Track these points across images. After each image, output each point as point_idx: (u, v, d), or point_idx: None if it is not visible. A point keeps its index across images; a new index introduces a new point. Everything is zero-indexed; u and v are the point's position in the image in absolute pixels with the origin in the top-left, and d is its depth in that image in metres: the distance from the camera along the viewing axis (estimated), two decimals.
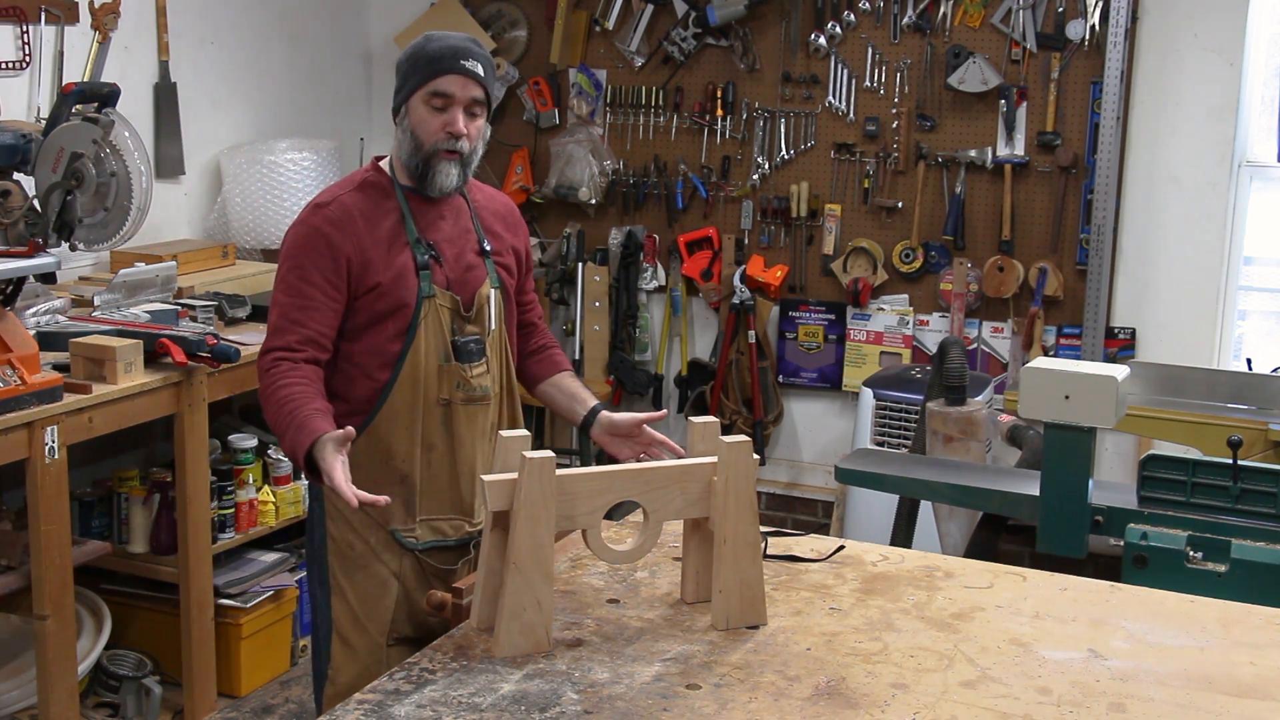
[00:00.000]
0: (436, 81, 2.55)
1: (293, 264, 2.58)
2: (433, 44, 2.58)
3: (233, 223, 4.69)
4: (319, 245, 2.55)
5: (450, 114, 2.56)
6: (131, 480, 3.93)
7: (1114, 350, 4.76)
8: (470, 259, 2.67)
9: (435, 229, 2.64)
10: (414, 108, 2.58)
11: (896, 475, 3.23)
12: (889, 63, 4.96)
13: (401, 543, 2.63)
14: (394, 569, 2.64)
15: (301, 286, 2.55)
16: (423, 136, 2.57)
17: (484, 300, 2.66)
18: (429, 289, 2.59)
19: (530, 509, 2.03)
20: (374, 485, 2.57)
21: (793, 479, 5.36)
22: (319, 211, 2.59)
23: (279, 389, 2.47)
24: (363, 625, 2.63)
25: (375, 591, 2.63)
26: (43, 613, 3.30)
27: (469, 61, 2.56)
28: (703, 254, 5.27)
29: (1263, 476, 2.75)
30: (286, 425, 2.42)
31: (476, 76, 2.57)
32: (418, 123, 2.57)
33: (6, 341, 3.19)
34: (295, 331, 2.53)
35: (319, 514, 2.68)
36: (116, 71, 4.33)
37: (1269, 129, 4.68)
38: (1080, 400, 2.82)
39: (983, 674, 2.02)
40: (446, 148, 2.56)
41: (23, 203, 3.35)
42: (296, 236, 2.59)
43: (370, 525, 2.63)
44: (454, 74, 2.55)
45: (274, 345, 2.53)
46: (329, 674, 2.64)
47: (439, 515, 2.65)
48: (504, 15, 5.46)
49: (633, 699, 1.92)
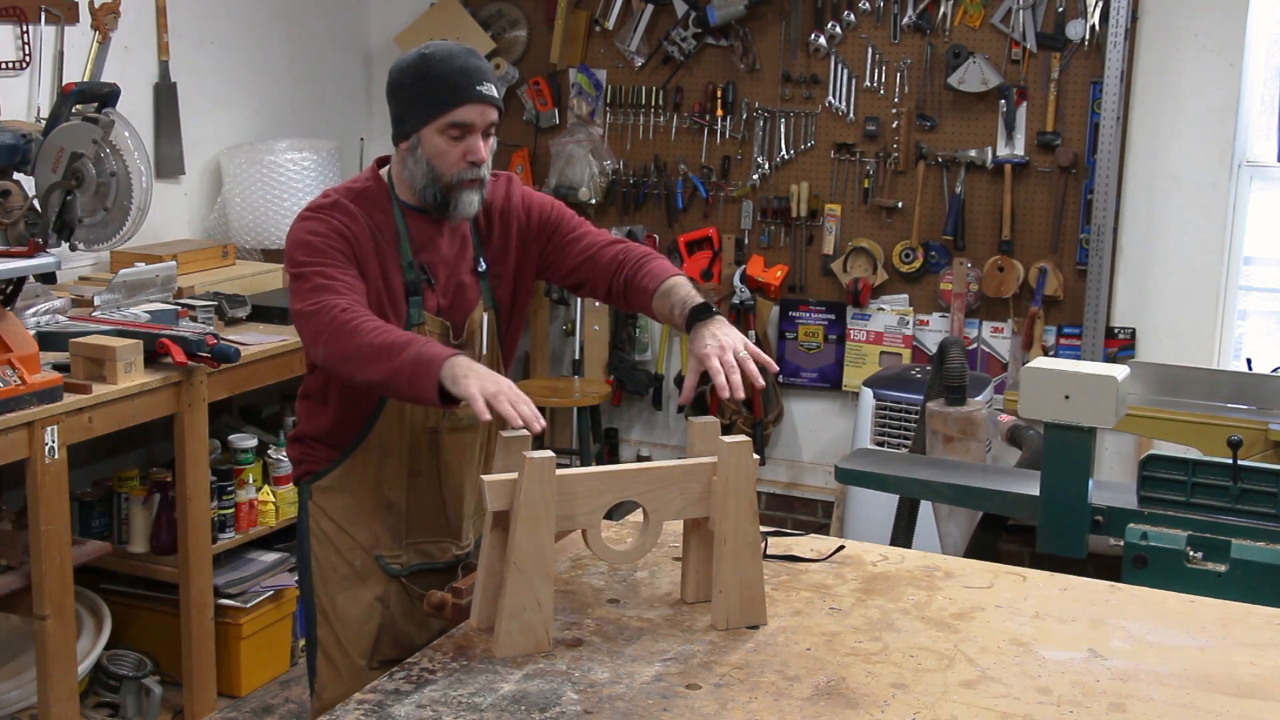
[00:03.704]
0: (455, 113, 2.38)
1: (310, 249, 2.39)
2: (437, 66, 2.40)
3: (233, 223, 4.70)
4: (331, 236, 2.39)
5: (470, 142, 2.41)
6: (131, 480, 3.93)
7: (1114, 350, 4.76)
8: (464, 278, 2.54)
9: (432, 248, 2.50)
10: (428, 138, 2.40)
11: (896, 475, 3.23)
12: (889, 63, 4.96)
13: (386, 569, 2.57)
14: (378, 593, 2.57)
15: (332, 260, 2.36)
16: (442, 168, 2.41)
17: (475, 325, 2.55)
18: (418, 315, 2.46)
19: (530, 509, 2.03)
20: (361, 512, 2.56)
21: (793, 479, 5.36)
22: (321, 210, 2.44)
23: (366, 323, 2.26)
24: (344, 648, 2.56)
25: (359, 615, 2.56)
26: (43, 613, 3.30)
27: (484, 86, 2.40)
28: (703, 254, 5.27)
29: (1263, 476, 2.75)
30: (400, 353, 2.20)
31: (493, 100, 2.42)
32: (435, 154, 2.41)
33: (6, 341, 3.19)
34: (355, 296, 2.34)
35: (304, 530, 2.60)
36: (116, 71, 4.33)
37: (1269, 129, 4.68)
38: (1080, 400, 2.82)
39: (983, 674, 2.02)
40: (469, 177, 2.42)
41: (23, 203, 3.35)
42: (304, 231, 2.41)
43: (355, 548, 2.56)
44: (472, 103, 2.39)
45: (335, 298, 2.32)
46: (315, 689, 2.61)
47: (426, 539, 2.60)
48: (504, 15, 5.46)
49: (633, 699, 1.92)
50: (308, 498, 2.59)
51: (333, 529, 2.57)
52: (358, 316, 2.29)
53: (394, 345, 2.23)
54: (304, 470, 2.61)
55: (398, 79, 2.44)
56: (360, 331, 2.26)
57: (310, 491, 2.58)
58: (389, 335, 2.25)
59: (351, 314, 2.29)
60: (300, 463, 2.62)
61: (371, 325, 2.27)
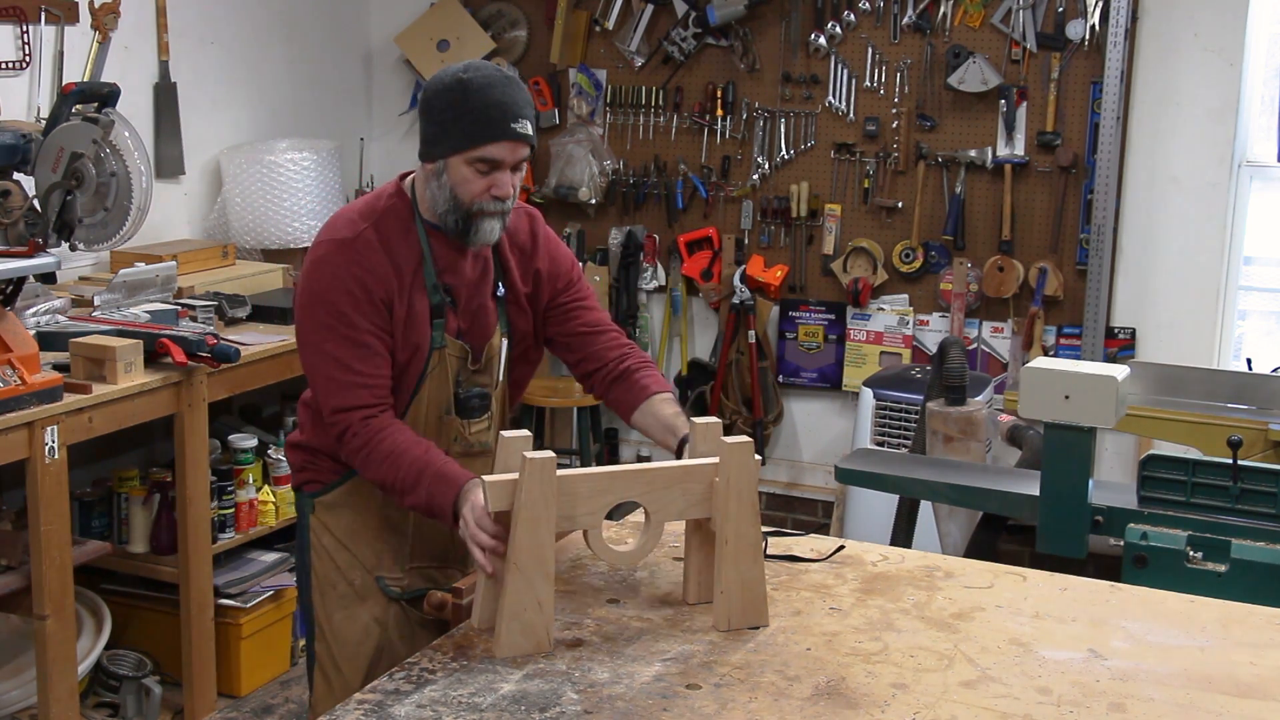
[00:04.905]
0: (485, 149, 2.32)
1: (332, 311, 2.35)
2: (474, 97, 2.31)
3: (233, 223, 4.69)
4: (354, 289, 2.34)
5: (497, 176, 2.35)
6: (131, 480, 3.93)
7: (1114, 350, 4.76)
8: (485, 302, 2.51)
9: (455, 270, 2.46)
10: (455, 167, 2.35)
11: (896, 475, 3.23)
12: (889, 63, 4.96)
13: (386, 591, 2.54)
14: (377, 614, 2.54)
15: (353, 335, 2.35)
16: (464, 197, 2.36)
17: (494, 351, 2.52)
18: (440, 339, 2.43)
19: (531, 509, 2.02)
20: (364, 531, 2.54)
21: (793, 479, 5.36)
22: (344, 249, 2.37)
23: (385, 443, 2.33)
24: (339, 666, 2.53)
25: (355, 635, 2.53)
26: (43, 613, 3.30)
27: (518, 123, 2.32)
28: (703, 254, 5.27)
29: (1263, 476, 2.75)
30: (417, 478, 2.29)
31: (527, 138, 2.35)
32: (459, 182, 2.36)
33: (6, 341, 3.19)
34: (367, 388, 2.36)
35: (304, 542, 2.57)
36: (116, 71, 4.33)
37: (1269, 129, 4.68)
38: (1080, 400, 2.82)
39: (983, 674, 2.02)
40: (491, 209, 2.38)
41: (23, 203, 3.35)
42: (326, 279, 2.36)
43: (356, 566, 2.54)
44: (505, 141, 2.33)
45: (351, 404, 2.35)
46: (311, 703, 2.60)
47: (430, 564, 2.58)
48: (504, 15, 5.46)
49: (633, 699, 1.92)
50: (309, 510, 2.56)
51: (334, 545, 2.54)
52: (372, 438, 2.34)
53: (409, 481, 2.31)
54: (306, 480, 2.58)
55: (432, 100, 2.37)
56: (377, 458, 2.34)
57: (313, 505, 2.55)
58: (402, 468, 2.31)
59: (366, 434, 2.34)
60: (302, 470, 2.59)
61: (383, 452, 2.33)
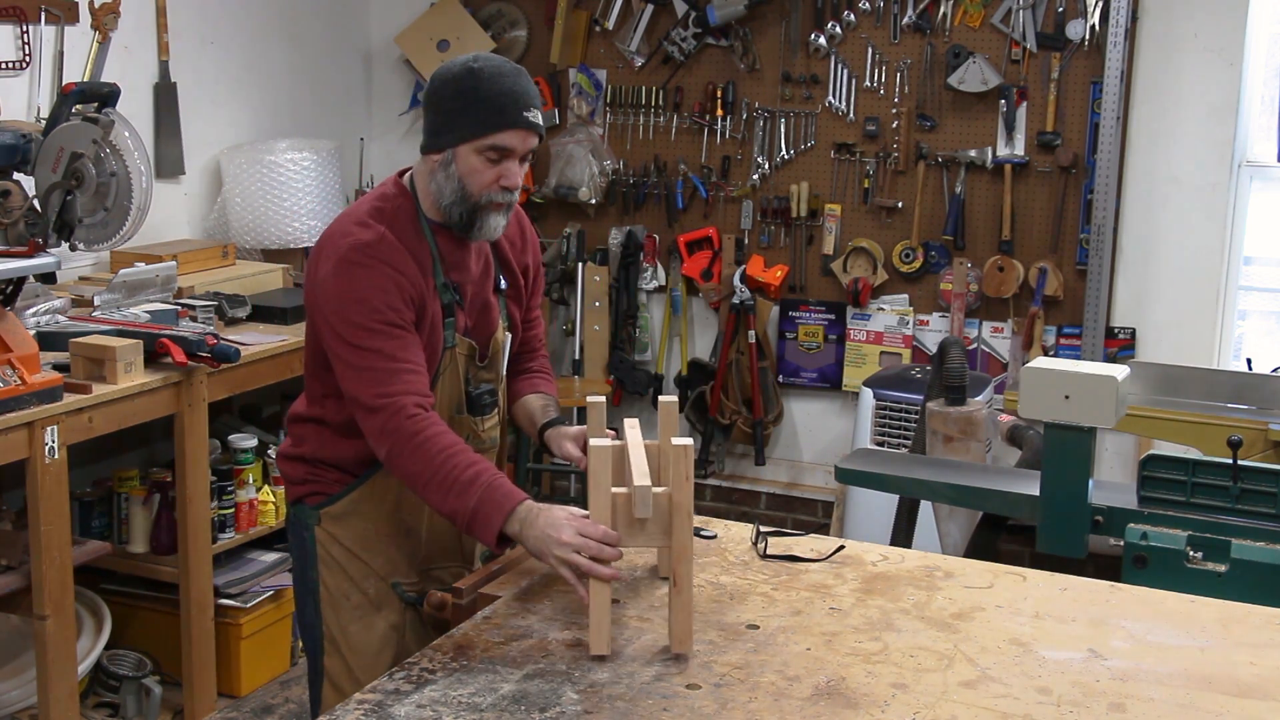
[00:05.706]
0: (497, 136, 2.32)
1: (370, 310, 2.29)
2: (486, 85, 2.31)
3: (233, 223, 4.70)
4: (389, 288, 2.31)
5: (506, 166, 2.35)
6: (131, 480, 3.93)
7: (1114, 350, 4.76)
8: (489, 297, 2.52)
9: (462, 268, 2.45)
10: (464, 156, 2.34)
11: (896, 475, 3.22)
12: (889, 63, 4.96)
13: (402, 597, 2.52)
14: (394, 622, 2.52)
15: (395, 330, 2.30)
16: (473, 188, 2.35)
17: (499, 346, 2.53)
18: (451, 338, 2.43)
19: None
20: (377, 538, 2.51)
21: (793, 479, 5.36)
22: (370, 251, 2.32)
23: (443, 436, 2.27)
24: (357, 678, 2.47)
25: (373, 645, 2.51)
26: (43, 613, 3.30)
27: (530, 112, 2.33)
28: (703, 254, 5.27)
29: (1263, 476, 2.74)
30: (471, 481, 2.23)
31: (537, 128, 2.35)
32: (468, 173, 2.34)
33: (6, 341, 3.19)
34: (415, 374, 2.31)
35: (309, 555, 2.52)
36: (116, 71, 4.33)
37: (1269, 129, 4.68)
38: (1080, 400, 2.81)
39: (983, 674, 2.02)
40: (499, 200, 2.37)
41: (23, 203, 3.35)
42: (361, 280, 2.31)
43: (369, 575, 2.51)
44: (517, 129, 2.33)
45: (401, 390, 2.28)
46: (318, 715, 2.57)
47: (442, 564, 2.57)
48: (504, 15, 5.46)
49: (633, 699, 1.92)
50: (314, 523, 2.51)
51: (344, 555, 2.51)
52: (427, 428, 2.27)
53: (460, 483, 2.23)
54: (309, 492, 2.53)
55: (440, 89, 2.36)
56: (428, 451, 2.26)
57: (318, 517, 2.51)
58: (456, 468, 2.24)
59: (420, 423, 2.27)
60: (303, 483, 2.54)
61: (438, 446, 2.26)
